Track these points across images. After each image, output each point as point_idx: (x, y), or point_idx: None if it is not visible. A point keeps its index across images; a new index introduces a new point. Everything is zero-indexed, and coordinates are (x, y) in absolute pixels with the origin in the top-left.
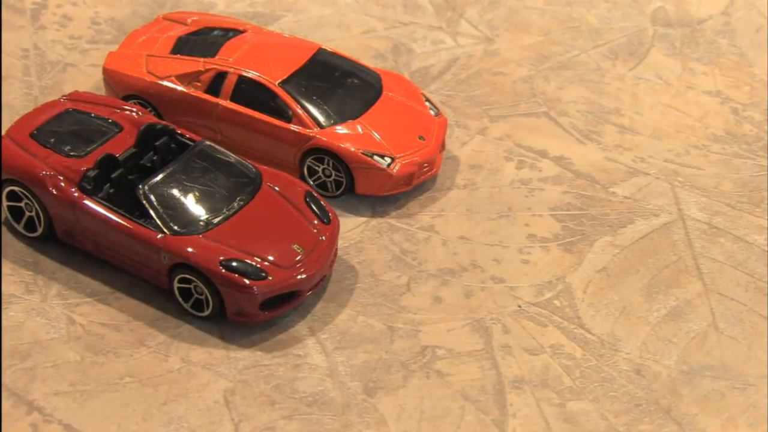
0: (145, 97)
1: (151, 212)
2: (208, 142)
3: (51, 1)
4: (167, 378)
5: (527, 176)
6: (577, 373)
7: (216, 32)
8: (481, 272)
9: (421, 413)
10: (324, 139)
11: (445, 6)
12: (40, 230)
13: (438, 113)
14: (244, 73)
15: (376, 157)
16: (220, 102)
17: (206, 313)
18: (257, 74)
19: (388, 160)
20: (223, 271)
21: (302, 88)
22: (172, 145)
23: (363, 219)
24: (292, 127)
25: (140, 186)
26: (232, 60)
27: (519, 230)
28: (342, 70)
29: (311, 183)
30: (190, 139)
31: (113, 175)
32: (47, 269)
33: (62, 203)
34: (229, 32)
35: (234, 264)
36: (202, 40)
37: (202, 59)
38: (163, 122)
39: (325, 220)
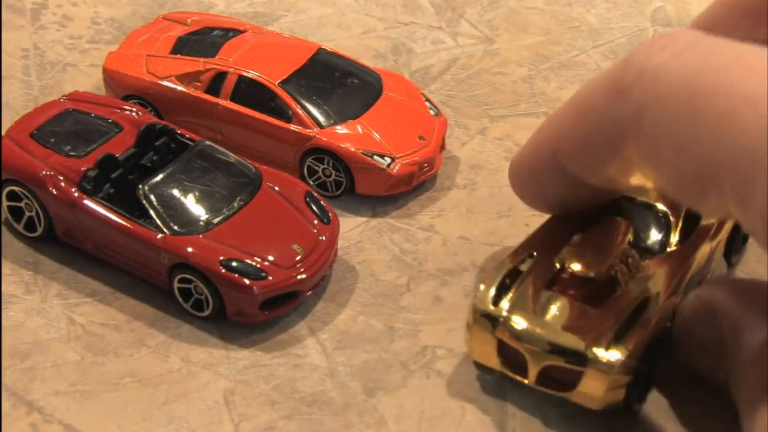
0: (145, 97)
1: (151, 212)
2: (208, 142)
3: (51, 1)
4: (167, 378)
5: None
6: None
7: (216, 32)
8: (481, 272)
9: (421, 413)
10: (324, 139)
11: (445, 6)
12: (40, 230)
13: (438, 113)
14: (244, 73)
15: (376, 157)
16: (220, 102)
17: (206, 313)
18: (257, 74)
19: (388, 160)
20: (223, 271)
21: (302, 88)
22: (172, 145)
23: (363, 219)
24: (292, 127)
25: (140, 186)
26: (232, 60)
27: (519, 230)
28: (342, 70)
29: (311, 183)
30: (190, 139)
31: (113, 175)
32: (47, 269)
33: (62, 203)
34: (229, 32)
35: (234, 264)
36: (202, 40)
37: (202, 59)
38: (163, 122)
39: (325, 220)
